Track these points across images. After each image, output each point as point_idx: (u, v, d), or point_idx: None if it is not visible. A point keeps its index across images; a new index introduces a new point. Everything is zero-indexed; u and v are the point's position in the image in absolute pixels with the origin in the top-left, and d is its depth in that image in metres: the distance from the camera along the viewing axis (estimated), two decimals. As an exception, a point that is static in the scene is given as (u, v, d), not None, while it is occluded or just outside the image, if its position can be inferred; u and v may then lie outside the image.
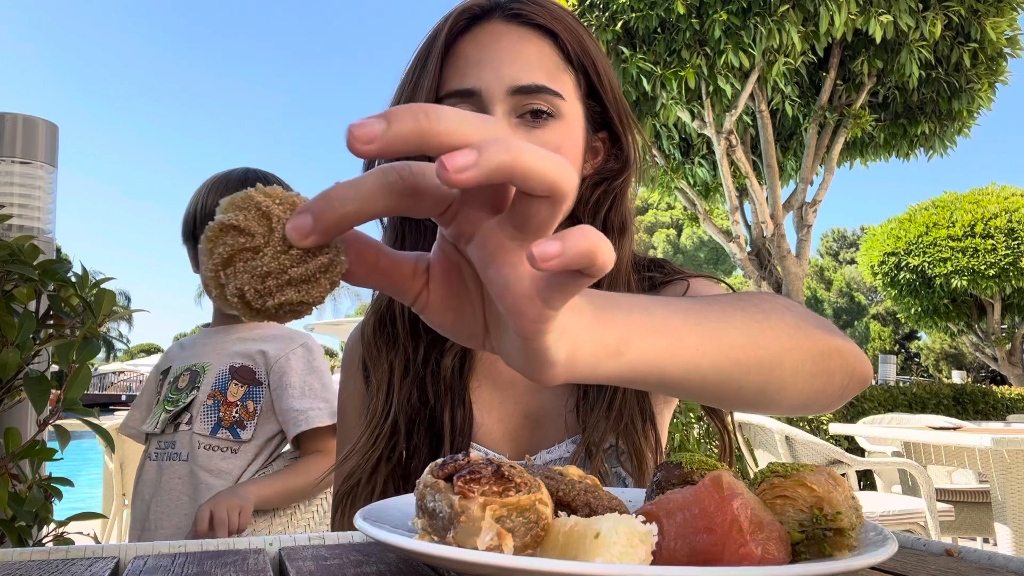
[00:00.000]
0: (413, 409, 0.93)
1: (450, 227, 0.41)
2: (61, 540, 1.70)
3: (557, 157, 0.35)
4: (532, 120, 0.87)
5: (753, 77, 8.78)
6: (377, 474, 0.91)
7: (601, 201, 0.95)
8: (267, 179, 1.79)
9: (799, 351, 0.60)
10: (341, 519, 0.94)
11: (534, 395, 0.96)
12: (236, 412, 1.69)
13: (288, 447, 1.79)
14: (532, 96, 0.87)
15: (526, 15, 0.91)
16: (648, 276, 0.99)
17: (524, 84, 0.87)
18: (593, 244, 0.34)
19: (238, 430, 1.68)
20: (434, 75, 0.88)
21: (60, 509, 1.70)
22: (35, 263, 1.74)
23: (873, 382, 13.74)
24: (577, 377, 0.44)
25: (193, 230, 1.80)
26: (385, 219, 0.96)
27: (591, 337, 0.44)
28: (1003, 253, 14.48)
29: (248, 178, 1.78)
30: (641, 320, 0.48)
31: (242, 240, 0.37)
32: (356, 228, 0.41)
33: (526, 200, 0.36)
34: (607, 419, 0.89)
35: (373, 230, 1.02)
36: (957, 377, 16.53)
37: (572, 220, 0.94)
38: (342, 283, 0.40)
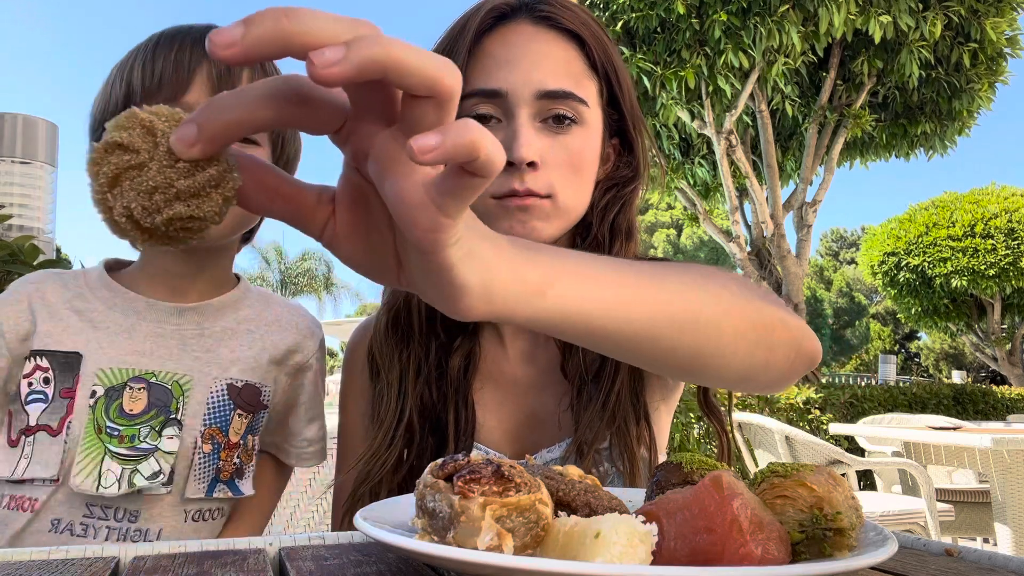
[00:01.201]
0: (426, 409, 0.93)
1: (347, 146, 0.40)
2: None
3: (434, 54, 0.34)
4: (555, 125, 0.87)
5: (753, 77, 8.78)
6: (395, 476, 0.91)
7: (610, 206, 0.95)
8: None
9: (738, 317, 0.59)
10: (351, 525, 0.92)
11: (535, 395, 0.96)
12: (237, 457, 1.06)
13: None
14: (558, 101, 0.87)
15: (555, 18, 0.90)
16: None
17: (552, 89, 0.86)
18: (475, 136, 0.34)
19: (238, 483, 1.06)
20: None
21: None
22: (35, 263, 1.74)
23: (873, 382, 13.75)
24: (496, 312, 0.44)
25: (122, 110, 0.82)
26: None
27: (510, 271, 0.43)
28: (1003, 253, 14.48)
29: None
30: (568, 265, 0.48)
31: (127, 157, 0.36)
32: (258, 157, 0.41)
33: (411, 103, 0.36)
34: (600, 419, 0.89)
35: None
36: (957, 377, 16.53)
37: (583, 224, 0.95)
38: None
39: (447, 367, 0.93)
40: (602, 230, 0.94)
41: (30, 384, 1.00)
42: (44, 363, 1.00)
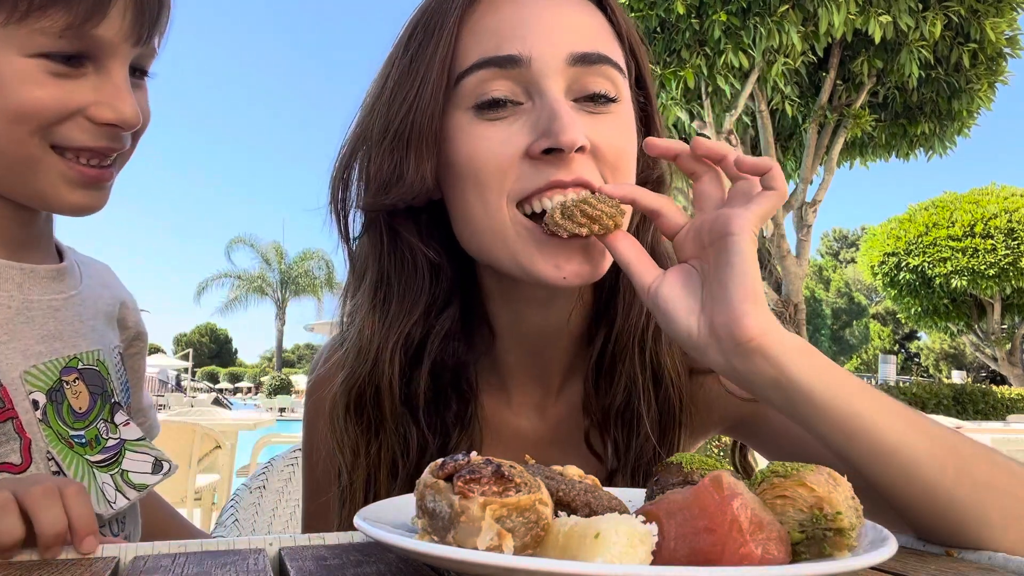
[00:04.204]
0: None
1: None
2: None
3: None
4: (591, 105, 0.70)
5: (753, 77, 8.79)
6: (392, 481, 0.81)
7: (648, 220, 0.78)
8: None
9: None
10: None
11: (542, 451, 0.86)
12: None
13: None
14: (594, 68, 0.70)
15: None
16: None
17: (586, 51, 0.69)
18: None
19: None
20: (448, 44, 0.69)
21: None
22: None
23: (873, 382, 13.77)
24: (770, 347, 0.57)
25: None
26: (370, 274, 0.79)
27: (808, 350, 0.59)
28: (1003, 253, 14.49)
29: None
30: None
31: None
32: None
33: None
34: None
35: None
36: (957, 377, 16.57)
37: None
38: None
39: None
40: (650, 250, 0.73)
41: None
42: None
